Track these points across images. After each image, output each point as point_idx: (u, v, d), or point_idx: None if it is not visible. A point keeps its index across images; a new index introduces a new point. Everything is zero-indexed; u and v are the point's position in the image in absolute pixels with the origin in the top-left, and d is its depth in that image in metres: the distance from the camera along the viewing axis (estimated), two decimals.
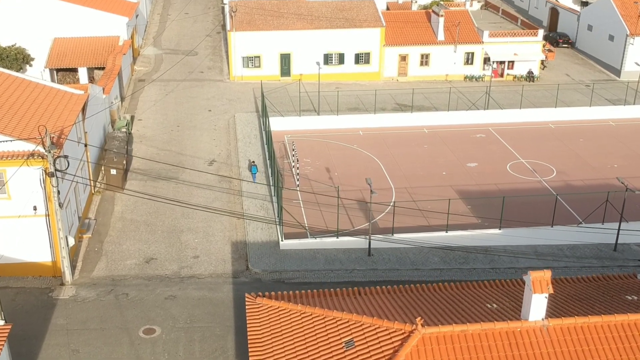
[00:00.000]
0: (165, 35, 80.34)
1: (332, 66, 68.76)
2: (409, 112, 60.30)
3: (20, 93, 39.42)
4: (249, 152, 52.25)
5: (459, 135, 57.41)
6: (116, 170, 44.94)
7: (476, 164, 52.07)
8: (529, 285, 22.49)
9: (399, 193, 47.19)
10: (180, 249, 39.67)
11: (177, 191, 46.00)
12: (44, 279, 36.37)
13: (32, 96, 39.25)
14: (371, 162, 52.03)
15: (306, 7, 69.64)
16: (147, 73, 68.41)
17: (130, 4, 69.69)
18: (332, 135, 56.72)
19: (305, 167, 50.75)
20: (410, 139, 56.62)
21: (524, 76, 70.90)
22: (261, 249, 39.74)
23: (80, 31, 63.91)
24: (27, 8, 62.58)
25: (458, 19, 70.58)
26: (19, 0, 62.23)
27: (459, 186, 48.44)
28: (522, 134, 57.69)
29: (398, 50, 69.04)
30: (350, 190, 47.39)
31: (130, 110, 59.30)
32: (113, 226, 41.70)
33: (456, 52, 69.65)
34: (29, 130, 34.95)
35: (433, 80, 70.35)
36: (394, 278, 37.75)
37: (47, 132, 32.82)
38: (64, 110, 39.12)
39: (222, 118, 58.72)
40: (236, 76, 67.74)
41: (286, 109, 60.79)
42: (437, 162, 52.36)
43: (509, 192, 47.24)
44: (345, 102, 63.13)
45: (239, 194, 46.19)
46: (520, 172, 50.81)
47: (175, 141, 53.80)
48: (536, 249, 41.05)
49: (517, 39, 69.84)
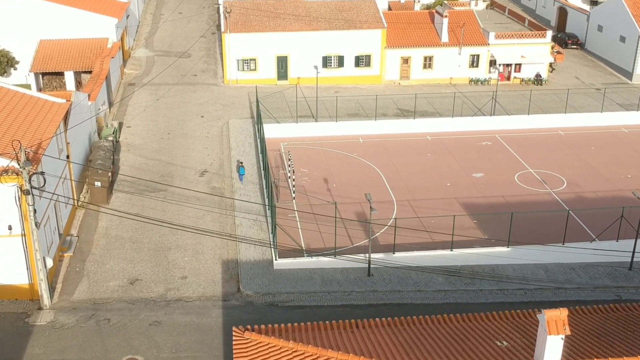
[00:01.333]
0: (158, 36, 78.57)
1: (331, 69, 66.97)
2: (412, 118, 58.51)
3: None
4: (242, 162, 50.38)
5: (464, 142, 55.61)
6: (101, 183, 43.17)
7: (482, 174, 50.27)
8: (544, 326, 20.71)
9: (400, 207, 45.41)
10: (168, 268, 37.90)
11: (166, 205, 44.24)
12: (21, 302, 34.61)
13: (9, 106, 37.47)
14: (371, 172, 50.25)
15: (304, 7, 67.84)
16: (138, 76, 66.64)
17: (120, 4, 67.92)
18: (330, 143, 54.94)
19: (302, 178, 48.98)
20: (412, 146, 54.83)
21: (532, 79, 69.08)
22: (254, 268, 37.98)
23: (67, 33, 62.17)
24: (11, 9, 60.83)
25: (463, 20, 68.77)
26: (3, 1, 60.48)
27: (464, 198, 46.66)
28: (530, 142, 55.88)
29: (400, 52, 67.23)
30: (349, 203, 45.62)
31: (118, 117, 57.53)
32: (96, 243, 39.94)
33: (461, 55, 67.83)
34: (3, 145, 33.18)
35: (437, 84, 68.55)
36: (395, 301, 35.99)
37: (22, 147, 31.05)
38: (43, 120, 37.35)
39: (215, 125, 56.94)
40: (231, 80, 65.96)
41: (283, 114, 59.02)
42: (441, 172, 50.57)
43: (517, 206, 45.44)
44: (345, 108, 61.34)
45: (232, 207, 44.41)
46: (528, 183, 49.02)
47: (165, 150, 52.02)
48: (546, 268, 39.27)
49: (524, 40, 68.01)
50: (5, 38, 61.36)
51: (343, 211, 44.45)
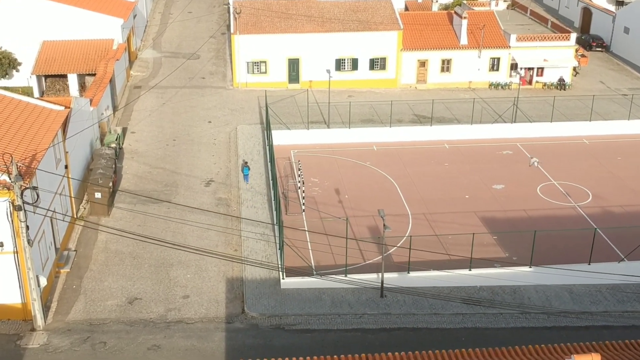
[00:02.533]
0: (166, 36, 77.25)
1: (344, 72, 65.32)
2: (428, 125, 56.73)
3: None
4: (250, 171, 48.90)
5: (484, 151, 53.81)
6: (101, 194, 41.80)
7: (503, 186, 48.46)
8: None
9: (416, 220, 43.73)
10: (169, 286, 36.45)
11: (169, 216, 42.80)
12: (13, 323, 33.28)
13: (4, 114, 36.14)
14: (386, 183, 48.59)
15: (317, 7, 66.23)
16: (144, 79, 65.32)
17: (127, 4, 66.63)
18: (342, 151, 53.33)
19: (312, 189, 47.41)
20: (429, 155, 53.10)
21: (555, 84, 67.09)
22: (259, 287, 36.44)
23: (70, 34, 60.91)
24: (13, 9, 59.64)
25: (483, 22, 66.88)
26: (5, 1, 59.34)
27: (484, 212, 44.90)
28: (553, 151, 53.97)
29: (417, 55, 65.48)
30: (362, 216, 44.01)
31: (123, 122, 56.21)
32: (95, 259, 38.56)
33: (480, 58, 65.97)
34: None
35: (455, 88, 66.72)
36: (409, 325, 34.34)
37: (13, 160, 29.68)
38: (39, 130, 36.02)
39: (222, 130, 55.48)
40: (240, 83, 64.49)
41: (293, 120, 57.46)
42: (459, 183, 48.82)
43: (539, 221, 43.63)
44: (359, 113, 59.69)
45: (238, 219, 42.92)
46: (552, 195, 47.16)
47: (170, 157, 50.60)
48: (571, 289, 37.46)
49: (547, 43, 66.02)
50: (7, 39, 60.19)
51: (355, 225, 42.87)
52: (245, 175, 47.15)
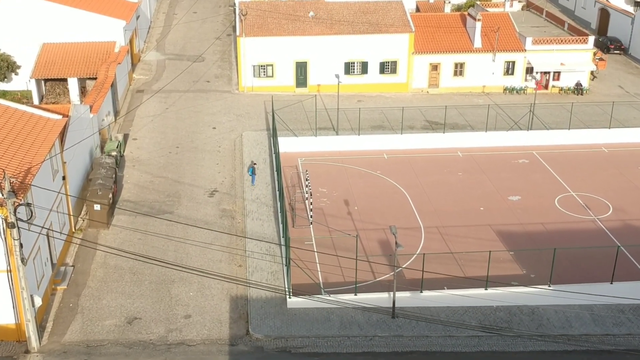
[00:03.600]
0: (170, 37, 76.17)
1: (354, 76, 64.05)
2: (441, 131, 55.40)
3: None
4: (256, 180, 47.72)
5: (499, 160, 52.45)
6: (100, 205, 40.67)
7: (519, 197, 47.10)
8: None
9: (429, 234, 42.44)
10: (170, 305, 35.28)
11: (171, 228, 41.65)
12: (6, 344, 32.16)
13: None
14: (397, 194, 47.31)
15: (325, 9, 64.97)
16: (147, 82, 64.21)
17: (130, 5, 65.55)
18: (352, 159, 52.07)
19: (321, 199, 46.19)
20: (442, 164, 51.78)
21: (572, 89, 65.64)
22: (265, 307, 35.23)
23: (71, 36, 59.92)
24: (12, 10, 58.65)
25: (497, 24, 65.49)
26: (4, 2, 58.33)
27: (500, 225, 43.57)
28: (571, 160, 52.58)
29: (429, 58, 64.14)
30: (372, 229, 42.77)
31: (124, 127, 55.10)
32: (93, 274, 37.43)
33: (495, 61, 64.57)
34: None
35: (468, 93, 65.37)
36: (422, 348, 33.07)
37: (6, 176, 28.56)
38: (35, 140, 34.92)
39: (227, 137, 54.29)
40: (246, 87, 63.30)
41: (301, 126, 56.23)
42: (473, 194, 47.50)
43: (558, 235, 42.29)
44: (368, 119, 58.42)
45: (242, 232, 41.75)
46: (570, 208, 45.79)
47: (172, 166, 49.45)
48: (592, 310, 36.10)
49: (564, 46, 64.58)
50: (6, 41, 59.21)
51: (365, 240, 41.64)
52: (251, 176, 47.06)
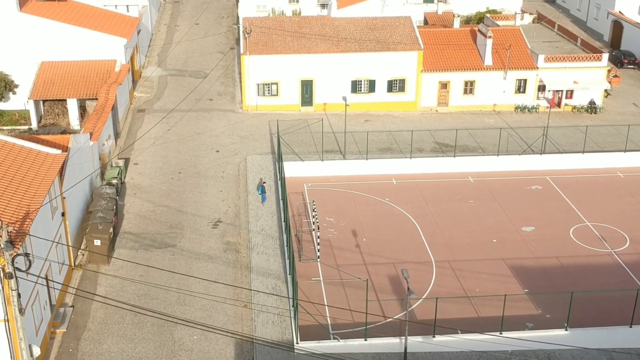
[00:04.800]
0: (172, 52, 75.43)
1: (361, 94, 63.30)
2: (451, 155, 54.61)
3: None
4: (260, 210, 47.06)
5: (511, 186, 51.67)
6: (101, 241, 39.97)
7: (533, 227, 46.33)
8: None
9: (440, 269, 41.69)
10: (173, 350, 34.55)
11: (174, 265, 40.96)
12: None
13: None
14: (406, 223, 46.57)
15: (332, 25, 64.20)
16: (149, 101, 63.50)
17: (130, 21, 64.85)
18: (359, 185, 51.31)
19: (328, 230, 45.46)
20: (452, 190, 51.00)
21: (585, 107, 64.84)
22: (272, 352, 34.51)
23: (70, 54, 59.26)
24: (10, 28, 57.94)
25: (508, 39, 64.72)
26: (2, 20, 57.61)
27: (513, 260, 42.79)
28: (585, 186, 51.77)
29: (438, 76, 63.38)
30: (382, 263, 42.04)
31: (125, 152, 54.39)
32: (93, 315, 36.72)
33: (506, 79, 63.79)
34: None
35: (478, 111, 64.60)
36: None
37: (3, 226, 27.84)
38: (33, 180, 34.20)
39: (231, 161, 53.57)
40: (250, 105, 62.57)
41: (307, 149, 55.47)
42: (485, 224, 46.73)
43: (573, 270, 41.52)
44: (376, 140, 57.66)
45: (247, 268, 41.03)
46: (586, 240, 45.00)
47: (175, 193, 48.73)
48: (611, 355, 35.35)
49: (577, 64, 63.75)
50: (4, 59, 58.49)
51: (374, 274, 40.94)
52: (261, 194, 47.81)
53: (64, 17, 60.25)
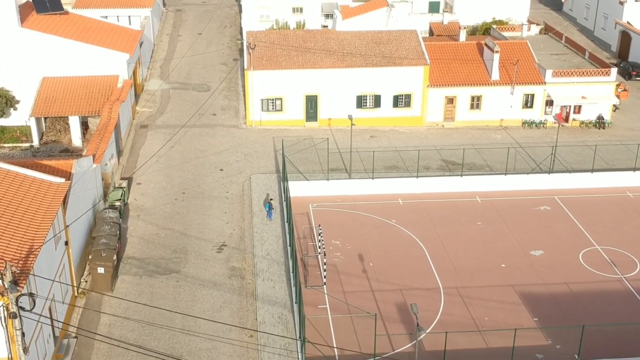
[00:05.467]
0: (174, 63, 75.19)
1: (366, 109, 63.06)
2: (458, 174, 54.36)
3: None
4: (266, 233, 46.86)
5: (519, 206, 51.40)
6: (104, 269, 39.79)
7: (542, 251, 46.10)
8: None
9: (448, 297, 41.46)
10: None
11: (178, 292, 40.79)
12: None
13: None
14: (413, 247, 46.34)
15: (336, 39, 63.93)
16: (151, 116, 63.28)
17: (133, 35, 64.63)
18: (366, 205, 51.07)
19: (334, 254, 45.25)
20: (460, 210, 50.76)
21: (593, 122, 64.57)
22: None
23: (72, 70, 59.08)
24: (11, 43, 57.74)
25: (515, 54, 64.45)
26: (3, 35, 57.40)
27: (522, 286, 42.56)
28: (594, 207, 51.51)
29: (444, 91, 63.13)
30: (389, 290, 41.82)
31: (127, 170, 54.17)
32: (97, 348, 36.51)
33: (513, 94, 63.52)
34: None
35: (485, 126, 64.35)
36: None
37: (7, 265, 27.66)
38: (37, 212, 33.98)
39: (235, 181, 53.35)
40: (254, 121, 62.34)
41: (312, 167, 55.23)
42: (494, 248, 46.50)
43: (583, 297, 41.30)
44: (382, 158, 57.40)
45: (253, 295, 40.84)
46: (595, 264, 44.78)
47: (179, 215, 48.52)
48: None
49: (585, 79, 63.46)
50: (5, 75, 58.26)
51: (382, 302, 40.74)
52: (268, 211, 48.48)
53: (66, 31, 60.06)
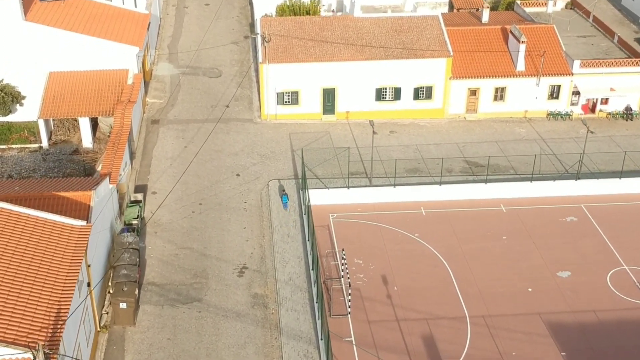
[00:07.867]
0: (182, 41, 74.26)
1: (385, 102, 62.68)
2: (483, 181, 54.39)
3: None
4: (287, 253, 47.38)
5: (545, 217, 51.69)
6: (127, 304, 40.44)
7: (569, 273, 46.67)
8: None
9: (475, 327, 42.24)
10: None
11: (201, 324, 41.57)
12: None
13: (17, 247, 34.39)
14: (438, 267, 46.90)
15: (354, 26, 63.00)
16: (162, 109, 62.95)
17: (141, 20, 63.60)
18: (387, 215, 51.37)
19: (357, 275, 45.86)
20: (484, 222, 51.09)
21: (620, 113, 64.22)
22: None
23: (79, 64, 58.51)
24: (15, 38, 57.02)
25: (543, 42, 63.67)
26: (7, 29, 56.63)
27: (549, 314, 43.30)
28: (622, 217, 51.79)
29: (467, 83, 62.60)
30: (415, 319, 42.55)
31: (142, 174, 54.28)
32: None
33: (539, 86, 62.98)
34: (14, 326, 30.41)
35: (509, 118, 64.06)
36: None
37: (40, 346, 28.26)
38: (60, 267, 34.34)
39: (252, 188, 53.52)
40: (269, 114, 62.05)
41: (331, 171, 55.28)
42: (519, 268, 47.02)
43: (612, 328, 42.04)
44: (403, 159, 57.28)
45: (277, 328, 41.63)
46: (623, 288, 45.39)
47: (197, 231, 48.90)
48: None
49: (615, 69, 62.78)
50: (10, 71, 57.70)
51: (407, 334, 41.56)
52: (283, 202, 51.21)
53: (71, 22, 59.17)
